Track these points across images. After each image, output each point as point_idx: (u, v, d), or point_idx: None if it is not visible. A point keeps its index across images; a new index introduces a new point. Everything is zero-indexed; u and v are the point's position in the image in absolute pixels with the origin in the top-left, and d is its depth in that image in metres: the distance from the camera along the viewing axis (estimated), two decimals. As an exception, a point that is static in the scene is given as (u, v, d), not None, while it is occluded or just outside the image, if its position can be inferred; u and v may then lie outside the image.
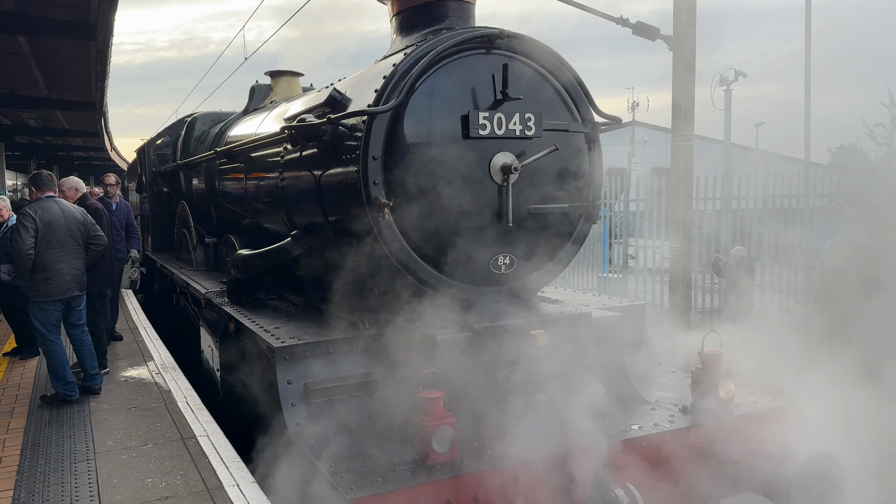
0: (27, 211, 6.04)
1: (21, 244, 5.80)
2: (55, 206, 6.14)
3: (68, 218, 6.14)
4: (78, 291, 6.21)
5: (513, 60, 4.78)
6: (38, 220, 5.91)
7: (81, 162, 43.34)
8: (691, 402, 4.71)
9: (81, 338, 6.37)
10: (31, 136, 28.48)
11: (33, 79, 16.30)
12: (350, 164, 4.66)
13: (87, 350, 6.37)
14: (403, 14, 5.30)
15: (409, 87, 4.46)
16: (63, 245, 6.04)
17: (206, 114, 10.48)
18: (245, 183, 7.18)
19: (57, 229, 5.99)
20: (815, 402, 4.65)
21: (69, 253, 6.08)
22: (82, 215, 6.32)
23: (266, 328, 5.05)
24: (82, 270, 6.24)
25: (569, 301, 5.67)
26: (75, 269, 6.13)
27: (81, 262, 6.22)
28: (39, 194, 6.22)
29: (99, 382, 6.39)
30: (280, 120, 6.23)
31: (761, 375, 5.05)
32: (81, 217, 6.28)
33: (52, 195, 6.25)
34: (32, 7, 10.84)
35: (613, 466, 4.03)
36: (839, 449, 4.17)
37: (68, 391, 6.09)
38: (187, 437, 5.17)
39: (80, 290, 6.24)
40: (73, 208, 6.33)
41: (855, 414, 4.41)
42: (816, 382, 4.93)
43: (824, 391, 4.73)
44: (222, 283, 7.09)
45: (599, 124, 5.31)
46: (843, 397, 4.54)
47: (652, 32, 7.60)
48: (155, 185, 11.75)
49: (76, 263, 6.14)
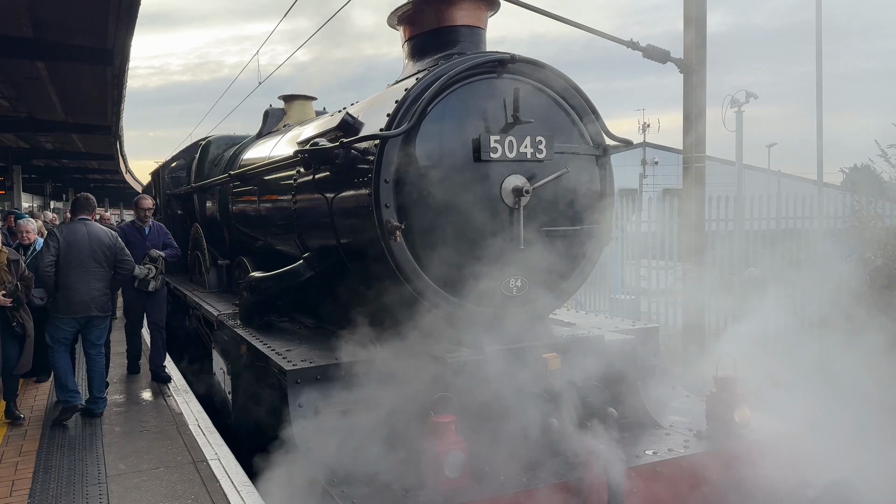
0: (53, 231, 6.41)
1: (41, 261, 6.15)
2: (82, 228, 6.33)
3: (93, 240, 6.28)
4: (97, 312, 6.30)
5: (523, 84, 4.81)
6: (60, 240, 6.18)
7: (97, 184, 43.85)
8: (706, 426, 4.65)
9: (96, 358, 6.44)
10: (47, 158, 28.91)
11: (51, 103, 16.58)
12: (362, 187, 4.68)
13: (98, 372, 6.43)
14: (415, 39, 5.36)
15: (420, 111, 4.50)
16: (84, 266, 6.20)
17: (221, 137, 10.59)
18: (258, 206, 7.23)
19: (80, 250, 6.19)
20: (833, 427, 4.58)
21: (90, 274, 6.21)
22: (110, 239, 6.41)
23: (278, 351, 5.05)
24: (103, 292, 6.33)
25: (581, 323, 5.64)
26: (94, 290, 6.24)
27: (103, 284, 6.33)
28: (73, 217, 6.53)
29: (101, 407, 6.42)
30: (293, 143, 6.28)
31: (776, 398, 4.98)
32: (108, 240, 6.37)
33: (85, 218, 6.45)
34: (51, 34, 11.06)
35: (628, 492, 3.97)
36: (858, 475, 4.10)
37: (70, 398, 6.21)
38: (199, 461, 5.16)
39: (100, 311, 6.33)
40: (102, 231, 6.42)
41: (872, 439, 4.33)
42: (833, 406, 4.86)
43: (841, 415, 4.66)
44: (234, 305, 7.11)
45: (610, 146, 5.32)
46: (861, 421, 4.47)
47: (662, 55, 7.62)
48: (169, 208, 11.86)
49: (96, 285, 6.25)
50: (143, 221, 7.88)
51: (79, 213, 6.49)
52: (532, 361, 4.44)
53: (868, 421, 4.55)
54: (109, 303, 6.48)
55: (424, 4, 5.19)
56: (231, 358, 6.05)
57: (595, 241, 5.19)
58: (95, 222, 6.58)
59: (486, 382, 4.29)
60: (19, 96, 15.90)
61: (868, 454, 4.31)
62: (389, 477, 4.01)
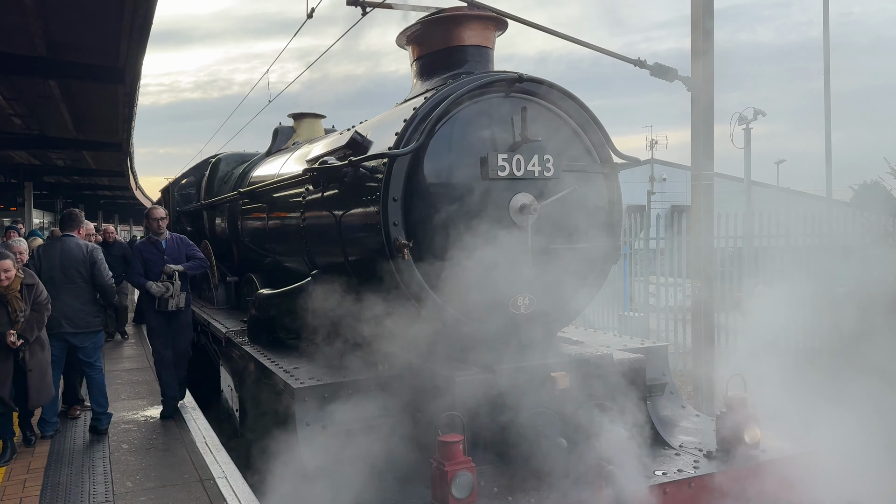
0: (34, 251, 6.57)
1: None
2: (56, 246, 6.45)
3: (63, 257, 6.32)
4: (69, 329, 6.27)
5: (531, 103, 4.83)
6: (37, 259, 6.35)
7: (107, 201, 44.13)
8: (716, 447, 4.61)
9: (92, 375, 6.49)
10: (58, 175, 29.16)
11: (62, 121, 16.74)
12: (370, 205, 4.70)
13: (96, 388, 6.46)
14: (424, 59, 5.40)
15: (428, 130, 4.52)
16: (55, 283, 6.23)
17: (230, 154, 10.67)
18: (267, 223, 7.26)
19: (51, 268, 6.28)
20: (845, 447, 4.53)
21: (63, 291, 6.24)
22: (83, 254, 6.37)
23: (285, 368, 5.05)
24: (78, 308, 6.28)
25: (590, 341, 5.61)
26: (66, 306, 6.24)
27: (78, 301, 6.29)
28: (59, 233, 6.69)
29: (104, 423, 6.43)
30: (302, 161, 6.32)
31: (787, 418, 4.94)
32: (81, 255, 6.35)
33: (69, 234, 6.50)
34: (64, 53, 11.20)
35: (637, 513, 3.93)
36: (870, 497, 4.04)
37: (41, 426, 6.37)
38: (206, 479, 5.15)
39: (74, 328, 6.29)
40: (75, 246, 6.40)
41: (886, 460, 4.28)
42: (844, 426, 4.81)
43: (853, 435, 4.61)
44: (243, 322, 7.12)
45: (618, 164, 5.32)
46: (873, 442, 4.41)
47: (670, 73, 7.64)
48: (179, 225, 11.92)
49: (69, 301, 6.26)
50: (158, 234, 7.08)
51: (63, 229, 6.62)
52: (540, 380, 4.42)
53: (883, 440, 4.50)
54: (90, 319, 6.39)
55: (433, 25, 5.24)
56: (239, 375, 6.05)
57: (603, 258, 5.19)
58: (73, 237, 6.50)
59: (494, 400, 4.28)
60: (32, 114, 16.06)
61: (883, 475, 4.26)
62: (397, 497, 3.99)
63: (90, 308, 6.39)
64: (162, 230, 7.09)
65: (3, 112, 15.46)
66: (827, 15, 14.07)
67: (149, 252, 7.03)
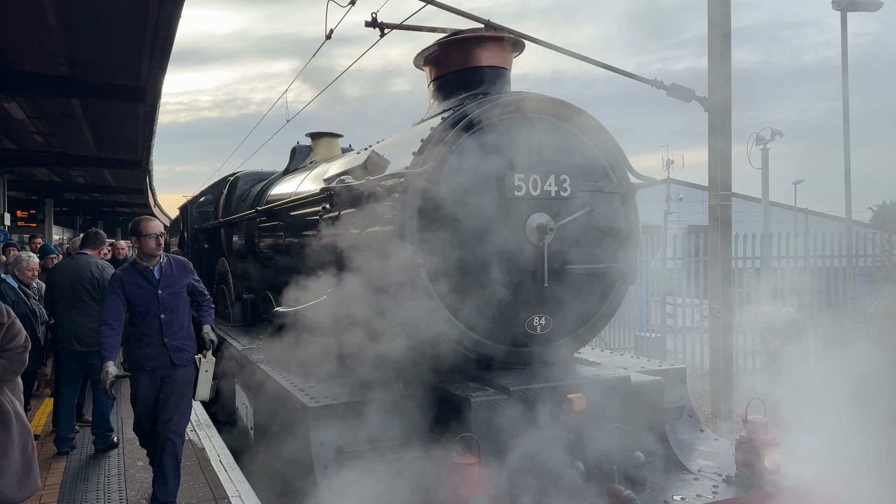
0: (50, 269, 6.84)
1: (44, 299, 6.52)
2: (70, 263, 6.54)
3: (74, 274, 6.39)
4: (78, 347, 6.30)
5: (548, 123, 4.84)
6: (51, 276, 6.52)
7: (125, 217, 44.67)
8: (736, 472, 4.53)
9: (95, 395, 6.48)
10: (78, 192, 29.58)
11: (84, 139, 17.02)
12: (387, 224, 4.71)
13: (96, 408, 6.46)
14: (441, 80, 5.44)
15: (445, 150, 4.54)
16: (66, 300, 6.33)
17: (248, 173, 10.76)
18: (284, 240, 7.30)
19: (62, 285, 6.38)
20: (867, 473, 4.43)
21: (71, 308, 6.32)
22: (95, 271, 6.41)
23: (300, 387, 5.04)
24: (88, 326, 6.24)
25: (606, 363, 5.56)
26: (74, 324, 6.30)
27: (88, 319, 6.25)
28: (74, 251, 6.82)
29: (99, 444, 6.40)
30: (319, 180, 6.36)
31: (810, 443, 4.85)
32: (90, 274, 6.39)
33: (84, 252, 6.60)
34: (86, 72, 11.42)
35: (655, 539, 3.87)
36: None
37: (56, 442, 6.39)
38: (220, 498, 5.13)
39: (82, 345, 6.30)
40: (86, 264, 6.45)
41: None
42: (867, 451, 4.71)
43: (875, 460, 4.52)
44: (259, 339, 7.14)
45: (635, 184, 5.31)
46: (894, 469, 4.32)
47: (687, 94, 7.63)
48: (196, 242, 12.01)
49: (77, 319, 6.30)
50: (152, 257, 4.96)
51: (82, 247, 6.72)
52: (556, 402, 4.38)
53: None
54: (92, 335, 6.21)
55: (451, 46, 5.28)
56: (254, 393, 6.05)
57: (620, 279, 5.15)
58: (88, 255, 6.54)
59: (510, 422, 4.24)
60: (54, 132, 16.36)
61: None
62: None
63: (92, 326, 6.39)
64: (157, 253, 4.99)
65: (26, 130, 15.74)
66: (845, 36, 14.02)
67: (133, 284, 4.91)
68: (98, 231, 6.93)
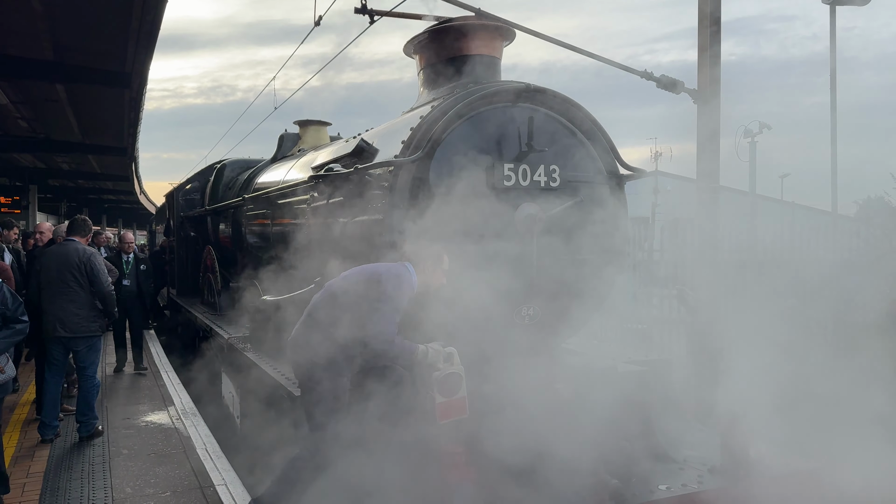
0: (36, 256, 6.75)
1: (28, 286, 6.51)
2: (56, 250, 6.49)
3: (60, 261, 6.35)
4: (63, 333, 6.27)
5: (538, 113, 4.82)
6: (38, 263, 6.48)
7: (111, 205, 44.25)
8: (721, 461, 4.56)
9: (81, 383, 6.47)
10: (63, 179, 29.22)
11: (68, 125, 16.79)
12: (375, 212, 4.69)
13: (81, 396, 6.44)
14: (431, 68, 5.40)
15: (435, 138, 4.52)
16: (52, 287, 6.29)
17: (235, 161, 10.68)
18: (271, 229, 7.25)
19: (49, 271, 6.34)
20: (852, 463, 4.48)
21: (57, 295, 6.28)
22: (80, 258, 6.36)
23: (287, 375, 5.02)
24: (73, 313, 6.27)
25: (593, 354, 5.58)
26: (60, 310, 6.26)
27: (74, 306, 6.28)
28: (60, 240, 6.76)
29: (83, 432, 6.37)
30: (308, 168, 6.32)
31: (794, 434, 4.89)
32: (77, 260, 6.34)
33: (71, 239, 6.55)
34: (71, 57, 11.24)
35: (641, 528, 3.89)
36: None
37: (40, 429, 6.39)
38: (205, 486, 5.11)
39: (67, 332, 6.28)
40: (73, 251, 6.40)
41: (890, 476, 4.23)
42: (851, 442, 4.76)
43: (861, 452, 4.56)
44: (245, 328, 7.10)
45: (624, 175, 5.31)
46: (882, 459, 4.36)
47: (676, 86, 7.63)
48: (182, 230, 11.93)
49: (63, 305, 6.27)
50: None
51: (69, 234, 6.66)
52: (544, 392, 4.38)
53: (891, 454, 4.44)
54: (85, 323, 6.34)
55: (441, 34, 5.24)
56: (241, 382, 6.02)
57: (608, 269, 5.16)
58: (76, 242, 6.50)
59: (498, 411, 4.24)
60: (38, 117, 16.12)
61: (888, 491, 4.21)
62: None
63: (85, 313, 6.35)
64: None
65: (10, 115, 15.51)
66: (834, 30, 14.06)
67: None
68: (85, 218, 6.87)
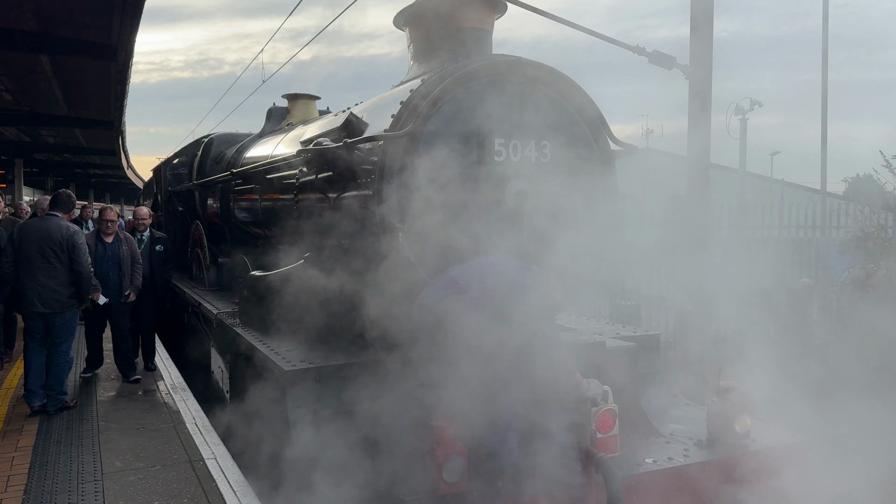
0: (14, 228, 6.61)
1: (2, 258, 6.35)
2: (37, 224, 6.41)
3: (41, 235, 6.27)
4: (41, 308, 6.23)
5: (529, 88, 4.78)
6: (16, 235, 6.36)
7: (98, 179, 43.85)
8: (707, 435, 4.62)
9: (53, 356, 6.44)
10: (49, 153, 28.90)
11: (53, 97, 16.57)
12: (365, 187, 4.65)
13: (52, 371, 6.42)
14: (421, 41, 5.33)
15: (425, 113, 4.47)
16: (31, 261, 6.22)
17: (223, 135, 10.56)
18: (260, 204, 7.20)
19: (28, 245, 6.25)
20: (837, 439, 4.55)
21: (36, 270, 6.22)
22: (63, 234, 6.28)
23: (277, 351, 5.02)
24: (52, 288, 6.23)
25: (583, 329, 5.60)
26: (39, 285, 6.22)
27: (53, 281, 6.23)
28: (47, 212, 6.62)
29: (51, 406, 6.35)
30: (296, 143, 6.26)
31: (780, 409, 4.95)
32: (59, 236, 6.27)
33: (54, 213, 6.47)
34: (56, 27, 11.05)
35: (627, 501, 3.94)
36: (860, 489, 4.06)
37: (26, 397, 6.40)
38: (195, 460, 5.13)
39: (45, 307, 6.24)
40: (55, 226, 6.32)
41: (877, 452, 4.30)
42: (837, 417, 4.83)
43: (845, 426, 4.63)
44: (234, 303, 7.08)
45: (615, 151, 5.29)
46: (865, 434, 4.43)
47: (668, 62, 7.60)
48: (170, 205, 11.83)
49: (42, 280, 6.22)
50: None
51: (52, 208, 6.58)
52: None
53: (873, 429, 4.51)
54: (63, 300, 6.30)
55: (431, 6, 5.16)
56: (230, 357, 6.01)
57: (599, 246, 5.16)
58: (58, 217, 6.42)
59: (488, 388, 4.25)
60: (22, 90, 15.90)
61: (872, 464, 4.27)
62: (388, 481, 3.97)
63: (64, 290, 6.30)
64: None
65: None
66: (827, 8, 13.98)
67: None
68: (70, 193, 6.76)
